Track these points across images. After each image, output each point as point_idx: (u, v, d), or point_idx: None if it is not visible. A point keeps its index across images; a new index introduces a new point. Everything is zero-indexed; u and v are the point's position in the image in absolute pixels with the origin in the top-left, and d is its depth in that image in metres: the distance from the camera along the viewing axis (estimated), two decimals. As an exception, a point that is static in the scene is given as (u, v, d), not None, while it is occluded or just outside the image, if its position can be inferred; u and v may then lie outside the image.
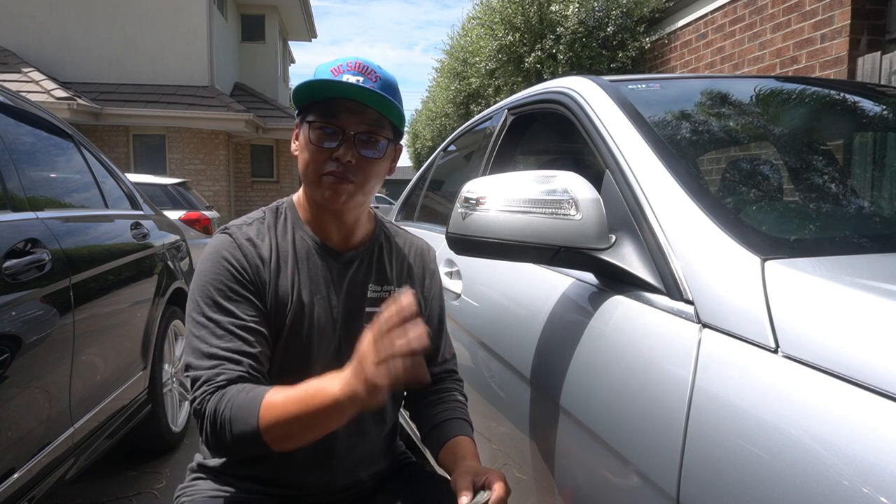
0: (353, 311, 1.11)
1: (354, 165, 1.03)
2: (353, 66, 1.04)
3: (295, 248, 1.10)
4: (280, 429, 0.90)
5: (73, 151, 2.55)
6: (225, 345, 0.98)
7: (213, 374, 0.96)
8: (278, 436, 0.91)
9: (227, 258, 1.04)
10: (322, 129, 1.03)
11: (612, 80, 1.41)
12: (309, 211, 1.13)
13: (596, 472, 0.95)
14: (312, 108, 1.04)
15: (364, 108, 1.03)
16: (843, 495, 0.57)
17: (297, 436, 0.91)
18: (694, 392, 0.76)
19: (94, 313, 2.10)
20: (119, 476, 2.69)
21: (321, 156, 1.03)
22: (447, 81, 10.93)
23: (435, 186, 2.74)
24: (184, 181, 8.16)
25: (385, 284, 1.16)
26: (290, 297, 1.06)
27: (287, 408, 0.89)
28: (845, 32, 4.22)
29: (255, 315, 1.02)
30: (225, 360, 0.97)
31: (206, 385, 0.96)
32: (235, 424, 0.91)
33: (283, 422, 0.89)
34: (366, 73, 1.04)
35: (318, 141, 1.03)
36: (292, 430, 0.90)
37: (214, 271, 1.03)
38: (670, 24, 6.41)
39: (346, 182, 1.03)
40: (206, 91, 12.71)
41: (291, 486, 1.11)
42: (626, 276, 0.99)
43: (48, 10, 12.21)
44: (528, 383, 1.20)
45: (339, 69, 1.04)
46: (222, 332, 0.99)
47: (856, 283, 0.75)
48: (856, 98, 1.59)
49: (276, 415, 0.89)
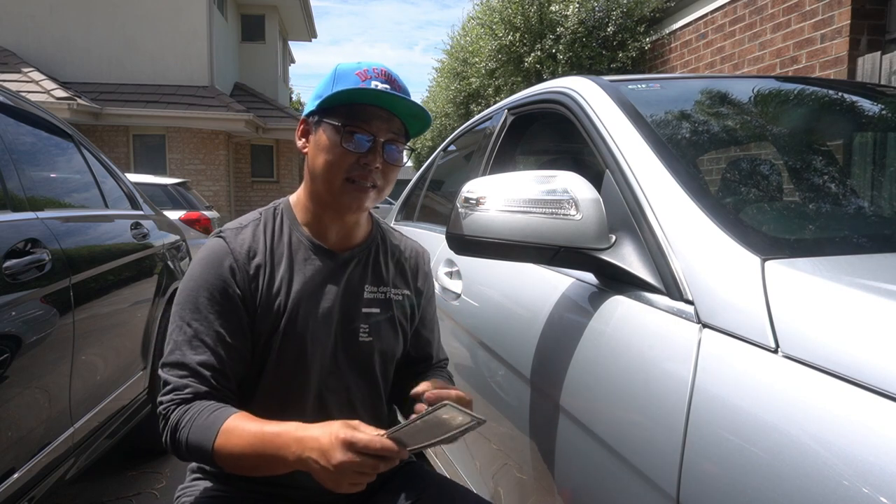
0: (349, 312, 1.12)
1: (379, 171, 1.05)
2: (380, 73, 1.06)
3: (291, 249, 1.10)
4: (231, 460, 0.95)
5: (73, 151, 2.55)
6: (198, 357, 1.01)
7: (181, 384, 1.00)
8: (229, 464, 0.96)
9: (218, 265, 1.04)
10: (353, 133, 1.03)
11: (612, 80, 1.41)
12: (309, 211, 1.13)
13: (596, 472, 0.95)
14: (339, 110, 1.04)
15: (392, 117, 1.06)
16: (843, 495, 0.57)
17: (246, 469, 0.97)
18: (694, 392, 0.76)
19: (94, 313, 2.10)
20: (119, 476, 2.69)
21: (348, 159, 1.04)
22: (447, 81, 10.93)
23: (435, 186, 2.74)
24: (184, 181, 8.16)
25: (381, 285, 1.16)
26: (284, 298, 1.07)
27: (241, 444, 0.93)
28: (845, 32, 4.22)
29: (235, 328, 1.04)
30: (195, 374, 1.00)
31: (174, 394, 1.00)
32: (192, 443, 0.96)
33: (235, 455, 0.94)
34: (390, 80, 1.06)
35: (349, 144, 1.03)
36: (242, 463, 0.95)
37: (203, 277, 1.04)
38: (670, 24, 6.41)
39: (369, 189, 1.05)
40: (206, 91, 12.71)
41: (290, 486, 1.11)
42: (626, 276, 0.98)
43: (48, 10, 12.21)
44: (528, 383, 1.20)
45: (366, 74, 1.05)
46: (198, 344, 1.01)
47: (856, 283, 0.75)
48: (856, 98, 1.59)
49: (230, 447, 0.94)
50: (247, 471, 0.97)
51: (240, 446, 0.93)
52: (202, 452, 0.95)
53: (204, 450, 0.95)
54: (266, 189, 14.67)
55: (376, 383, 1.17)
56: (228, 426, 0.94)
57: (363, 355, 1.13)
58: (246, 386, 1.08)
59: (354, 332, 1.12)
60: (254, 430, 0.93)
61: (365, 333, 1.12)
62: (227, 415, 0.96)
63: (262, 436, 0.93)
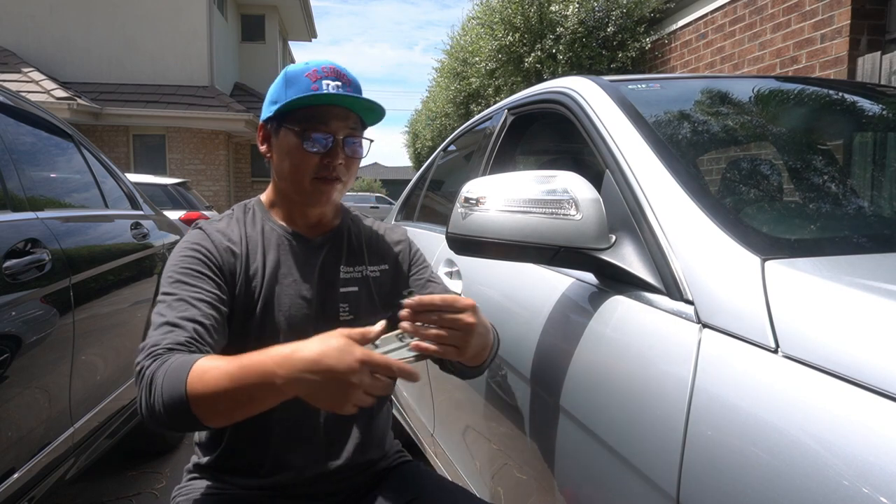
0: (326, 293, 1.14)
1: (342, 166, 1.09)
2: (330, 71, 1.08)
3: (264, 236, 1.14)
4: (208, 402, 0.83)
5: (73, 151, 2.55)
6: (176, 314, 0.96)
7: (158, 339, 0.92)
8: (206, 408, 0.84)
9: (195, 246, 1.07)
10: (313, 135, 1.06)
11: (612, 80, 1.41)
12: (279, 207, 1.17)
13: (596, 472, 0.95)
14: (297, 114, 1.07)
15: (348, 113, 1.09)
16: (843, 495, 0.57)
17: (225, 412, 0.85)
18: (694, 392, 0.76)
19: (94, 313, 2.10)
20: (119, 476, 2.69)
21: (312, 160, 1.07)
22: (447, 81, 10.93)
23: (435, 186, 2.74)
24: (184, 181, 8.17)
25: (357, 264, 1.19)
26: (260, 282, 1.09)
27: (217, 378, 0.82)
28: (845, 32, 4.22)
29: (214, 291, 1.02)
30: (174, 327, 0.94)
31: (150, 349, 0.91)
32: (165, 393, 0.84)
33: (211, 394, 0.82)
34: (341, 77, 1.09)
35: (311, 147, 1.07)
36: (220, 404, 0.83)
37: (181, 256, 1.06)
38: (670, 25, 6.41)
39: (336, 182, 1.09)
40: (205, 91, 12.71)
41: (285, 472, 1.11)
42: (626, 276, 0.98)
43: (48, 10, 12.21)
44: (528, 383, 1.20)
45: (316, 74, 1.07)
46: (176, 303, 0.98)
47: (856, 283, 0.75)
48: (856, 98, 1.59)
49: (205, 385, 0.83)
50: (227, 413, 0.84)
51: (216, 381, 0.82)
52: (176, 401, 0.83)
53: (177, 396, 0.83)
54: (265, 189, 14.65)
55: None
56: (202, 364, 0.85)
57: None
58: None
59: (335, 313, 1.14)
60: (231, 361, 0.84)
61: (346, 312, 1.14)
62: (198, 357, 0.87)
63: (241, 363, 0.82)
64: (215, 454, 1.14)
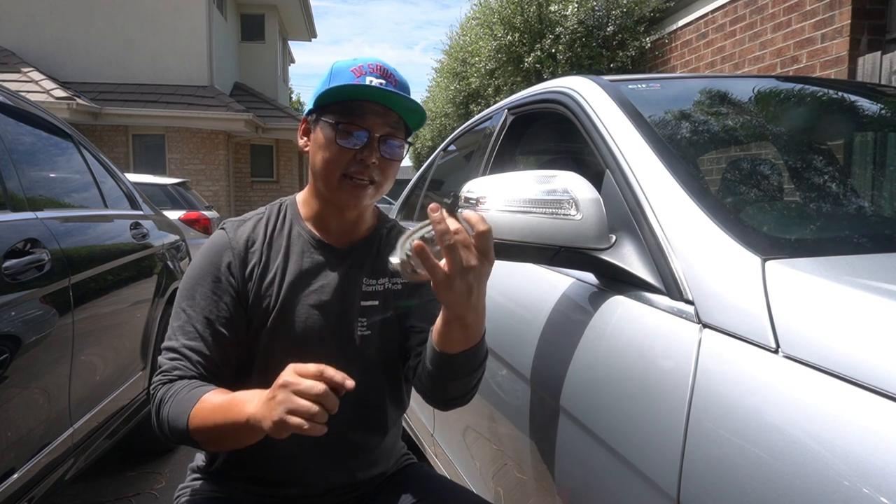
0: (346, 306, 1.11)
1: (377, 167, 1.05)
2: (375, 68, 1.06)
3: (289, 241, 1.11)
4: (204, 433, 0.94)
5: (73, 151, 2.55)
6: (188, 342, 1.03)
7: (170, 366, 1.02)
8: (204, 439, 0.95)
9: (217, 256, 1.08)
10: (348, 129, 1.03)
11: (612, 79, 1.41)
12: (312, 208, 1.14)
13: (596, 472, 0.95)
14: (334, 107, 1.05)
15: (388, 111, 1.05)
16: (843, 495, 0.57)
17: (218, 442, 0.96)
18: (694, 392, 0.76)
19: (93, 313, 2.10)
20: (118, 476, 2.69)
21: (345, 156, 1.04)
22: (447, 81, 10.93)
23: (435, 186, 2.74)
24: (183, 181, 8.17)
25: (380, 277, 1.15)
26: (277, 289, 1.08)
27: (212, 415, 0.92)
28: (846, 32, 4.22)
29: (226, 317, 1.05)
30: (183, 357, 1.02)
31: (162, 375, 1.02)
32: (171, 420, 0.97)
33: (206, 427, 0.93)
34: (386, 76, 1.06)
35: (345, 141, 1.04)
36: (213, 436, 0.94)
37: (201, 267, 1.07)
38: (671, 24, 6.40)
39: (367, 185, 1.06)
40: (205, 91, 12.71)
41: (291, 486, 1.11)
42: (626, 276, 0.98)
43: (48, 10, 12.21)
44: (528, 383, 1.20)
45: (361, 70, 1.05)
46: (190, 329, 1.04)
47: (856, 283, 0.75)
48: (856, 98, 1.59)
49: (202, 419, 0.93)
50: (217, 443, 0.97)
51: (207, 418, 0.93)
52: (180, 429, 0.95)
53: (180, 425, 0.95)
54: (266, 189, 14.66)
55: (380, 378, 1.14)
56: (201, 404, 0.95)
57: (363, 349, 1.12)
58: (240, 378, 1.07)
59: (352, 327, 1.11)
60: (218, 400, 0.94)
61: (363, 327, 1.11)
62: (204, 391, 0.96)
63: (222, 404, 0.92)
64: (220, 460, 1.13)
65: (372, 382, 1.13)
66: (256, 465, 1.10)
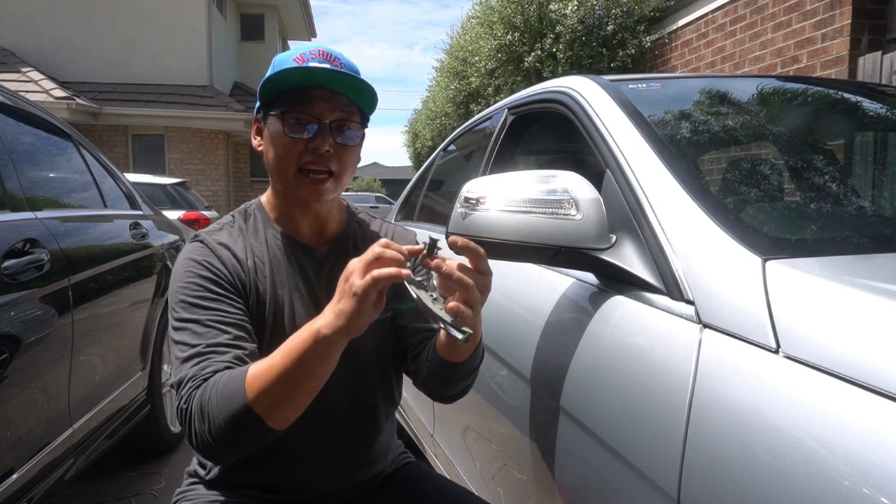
0: None
1: (332, 155, 1.00)
2: (318, 53, 1.01)
3: (268, 248, 1.07)
4: (270, 393, 0.83)
5: (72, 151, 2.55)
6: (207, 341, 0.93)
7: (197, 369, 0.90)
8: (270, 403, 0.84)
9: (203, 263, 1.00)
10: (296, 119, 0.99)
11: (613, 79, 1.41)
12: (278, 208, 1.10)
13: (596, 472, 0.95)
14: (280, 99, 1.01)
15: (336, 95, 1.00)
16: (843, 496, 0.57)
17: (288, 395, 0.84)
18: (694, 392, 0.76)
19: (92, 313, 2.10)
20: (118, 476, 2.69)
21: (296, 148, 0.99)
22: (447, 81, 10.93)
23: (435, 186, 2.74)
24: (183, 181, 8.17)
25: None
26: (270, 297, 1.04)
27: (272, 366, 0.83)
28: (846, 32, 4.22)
29: (238, 312, 0.98)
30: (209, 354, 0.91)
31: (192, 381, 0.89)
32: (223, 406, 0.84)
33: (270, 383, 0.83)
34: (330, 59, 1.01)
35: (293, 132, 0.99)
36: (282, 389, 0.83)
37: (188, 277, 0.99)
38: (671, 24, 6.40)
39: (326, 178, 1.01)
40: (205, 91, 12.70)
41: (290, 492, 1.10)
42: (626, 276, 0.98)
43: (48, 10, 12.20)
44: (528, 383, 1.20)
45: (303, 57, 1.01)
46: (203, 330, 0.94)
47: (857, 283, 0.75)
48: (856, 98, 1.59)
49: (263, 378, 0.83)
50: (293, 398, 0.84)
51: (269, 368, 0.83)
52: (237, 410, 0.83)
53: (238, 404, 0.83)
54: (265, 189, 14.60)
55: (374, 377, 1.13)
56: (252, 370, 0.86)
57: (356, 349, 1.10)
58: None
59: None
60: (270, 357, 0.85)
61: None
62: (246, 367, 0.88)
63: (277, 352, 0.84)
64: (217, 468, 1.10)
65: (365, 382, 1.12)
66: (255, 471, 1.08)
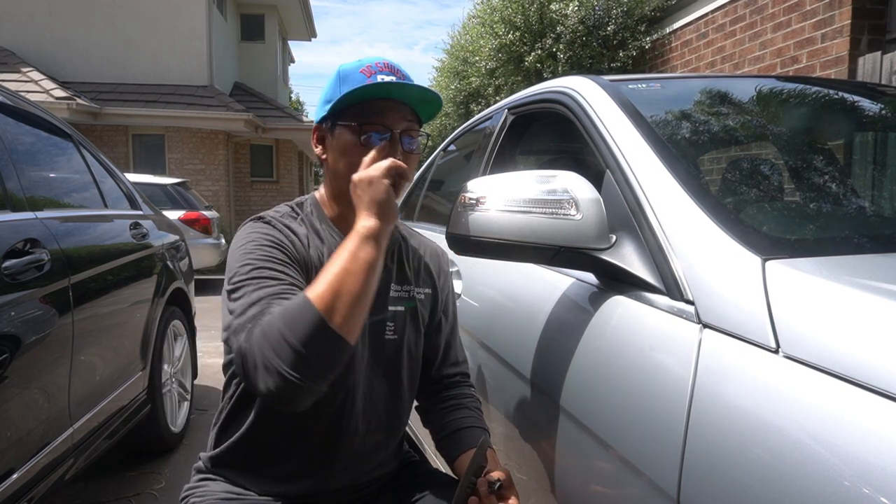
0: (376, 309, 1.09)
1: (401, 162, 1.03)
2: (384, 66, 1.06)
3: (321, 241, 1.10)
4: (338, 298, 0.84)
5: (73, 151, 2.55)
6: (270, 290, 0.92)
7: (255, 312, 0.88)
8: (339, 308, 0.84)
9: (269, 234, 1.01)
10: (370, 130, 1.02)
11: (613, 79, 1.41)
12: (335, 210, 1.12)
13: (596, 472, 0.95)
14: (350, 111, 1.04)
15: (403, 106, 1.05)
16: (843, 496, 0.57)
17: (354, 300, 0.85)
18: (694, 392, 0.76)
19: (93, 313, 2.10)
20: (118, 476, 2.69)
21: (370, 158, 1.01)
22: (447, 81, 10.92)
23: (435, 186, 2.74)
24: (183, 181, 8.17)
25: (406, 284, 1.17)
26: None
27: (327, 273, 0.86)
28: (846, 32, 4.22)
29: (302, 282, 0.97)
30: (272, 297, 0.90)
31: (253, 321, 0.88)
32: (294, 327, 0.83)
33: (332, 287, 0.85)
34: (395, 72, 1.06)
35: (369, 143, 1.02)
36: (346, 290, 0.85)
37: (255, 244, 0.99)
38: (671, 24, 6.40)
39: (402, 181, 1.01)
40: (205, 91, 12.70)
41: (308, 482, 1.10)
42: (626, 276, 0.98)
43: (48, 10, 12.20)
44: (528, 383, 1.20)
45: (371, 70, 1.04)
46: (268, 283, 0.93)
47: (857, 283, 0.75)
48: (856, 98, 1.59)
49: (325, 289, 0.84)
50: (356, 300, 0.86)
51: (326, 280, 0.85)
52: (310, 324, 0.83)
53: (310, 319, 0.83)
54: (265, 189, 14.65)
55: (399, 382, 1.16)
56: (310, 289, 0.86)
57: (389, 353, 1.13)
58: None
59: (381, 330, 1.11)
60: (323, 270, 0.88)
61: (391, 331, 1.12)
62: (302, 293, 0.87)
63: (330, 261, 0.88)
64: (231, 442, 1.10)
65: (395, 387, 1.15)
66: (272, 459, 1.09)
